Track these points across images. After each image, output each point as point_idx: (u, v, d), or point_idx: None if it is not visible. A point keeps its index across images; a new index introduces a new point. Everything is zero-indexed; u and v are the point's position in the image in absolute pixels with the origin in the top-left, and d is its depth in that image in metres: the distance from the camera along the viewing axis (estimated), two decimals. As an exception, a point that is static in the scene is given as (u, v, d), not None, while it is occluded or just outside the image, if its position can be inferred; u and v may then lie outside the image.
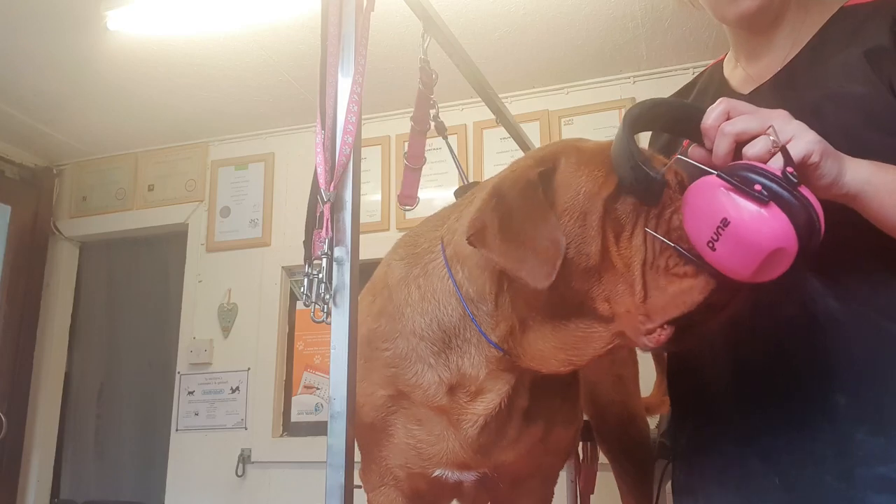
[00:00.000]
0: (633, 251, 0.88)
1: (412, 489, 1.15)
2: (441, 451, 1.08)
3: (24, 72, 2.86)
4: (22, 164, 3.54)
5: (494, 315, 1.01)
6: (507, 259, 0.92)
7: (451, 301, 1.06)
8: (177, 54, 2.75)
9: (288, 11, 2.50)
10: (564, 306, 0.94)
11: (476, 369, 1.04)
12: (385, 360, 1.10)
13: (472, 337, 1.04)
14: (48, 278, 3.57)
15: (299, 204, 2.82)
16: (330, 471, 1.05)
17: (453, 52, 1.62)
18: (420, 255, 1.14)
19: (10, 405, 3.30)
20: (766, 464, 1.00)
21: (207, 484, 3.09)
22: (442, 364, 1.06)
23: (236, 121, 3.31)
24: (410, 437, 1.09)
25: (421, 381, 1.07)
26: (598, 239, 0.89)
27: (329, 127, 1.09)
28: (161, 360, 3.42)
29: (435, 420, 1.07)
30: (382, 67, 2.77)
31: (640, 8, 2.52)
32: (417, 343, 1.07)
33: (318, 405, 3.06)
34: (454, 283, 1.05)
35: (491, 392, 1.05)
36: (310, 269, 1.07)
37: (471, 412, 1.05)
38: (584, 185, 0.92)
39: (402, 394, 1.09)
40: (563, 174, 0.95)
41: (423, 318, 1.07)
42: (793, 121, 0.84)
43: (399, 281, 1.13)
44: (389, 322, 1.11)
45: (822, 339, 0.98)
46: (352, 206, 1.09)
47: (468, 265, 1.05)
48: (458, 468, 1.09)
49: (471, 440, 1.06)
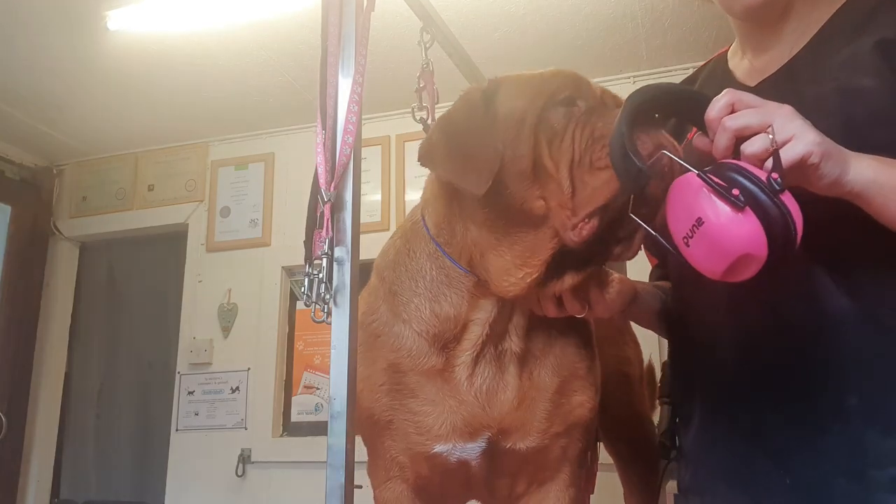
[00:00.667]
0: (562, 153, 0.95)
1: (418, 477, 1.13)
2: (440, 418, 1.07)
3: (24, 72, 2.86)
4: (22, 164, 3.54)
5: (454, 243, 1.07)
6: (450, 171, 1.03)
7: (420, 246, 1.11)
8: (177, 54, 2.75)
9: (288, 11, 2.50)
10: (509, 216, 1.00)
11: (456, 307, 1.07)
12: (373, 331, 1.12)
13: (442, 276, 1.08)
14: (48, 278, 3.57)
15: (299, 204, 2.82)
16: (330, 471, 1.05)
17: (453, 52, 1.62)
18: (401, 224, 1.22)
19: (10, 405, 3.30)
20: (775, 463, 0.99)
21: (207, 484, 3.09)
22: (414, 316, 1.09)
23: (236, 121, 3.31)
24: (408, 413, 1.09)
25: (403, 342, 1.09)
26: (530, 143, 0.97)
27: (329, 127, 1.09)
28: (161, 360, 3.42)
29: (428, 385, 1.08)
30: (382, 67, 2.77)
31: (640, 8, 2.52)
32: (394, 300, 1.11)
33: (318, 405, 3.06)
34: (425, 226, 1.11)
35: (473, 323, 1.07)
36: (310, 269, 1.08)
37: (459, 353, 1.07)
38: (521, 100, 1.01)
39: (391, 364, 1.10)
40: (504, 94, 1.04)
41: (395, 273, 1.12)
42: (796, 119, 0.83)
43: (382, 252, 1.20)
44: (372, 293, 1.15)
45: (833, 339, 0.97)
46: (352, 206, 1.09)
47: (430, 203, 1.12)
48: (460, 436, 1.07)
49: (465, 388, 1.07)
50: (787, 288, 0.99)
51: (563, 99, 0.99)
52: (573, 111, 0.99)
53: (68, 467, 3.50)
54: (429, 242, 1.10)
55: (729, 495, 1.05)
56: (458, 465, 1.10)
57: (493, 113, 1.02)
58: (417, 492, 1.14)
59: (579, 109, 0.99)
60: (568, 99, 1.00)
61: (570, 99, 1.00)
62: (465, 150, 1.01)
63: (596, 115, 0.97)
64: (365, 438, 1.17)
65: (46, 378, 3.45)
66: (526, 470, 1.15)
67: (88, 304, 3.64)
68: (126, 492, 3.40)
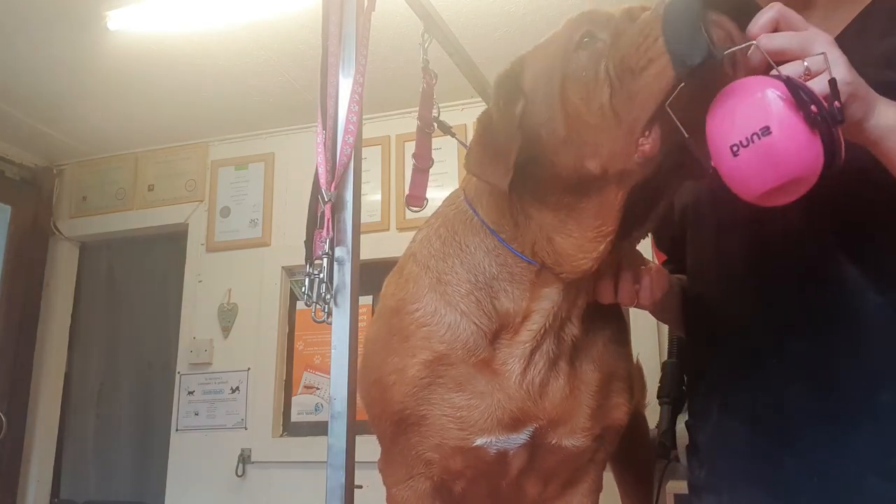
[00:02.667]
0: (599, 93, 0.87)
1: (446, 473, 1.06)
2: (486, 412, 1.01)
3: (24, 72, 2.86)
4: (22, 164, 3.54)
5: (516, 235, 1.01)
6: (478, 169, 0.97)
7: (475, 241, 1.04)
8: (177, 54, 2.75)
9: (288, 11, 2.50)
10: (567, 191, 0.94)
11: (517, 302, 1.01)
12: (415, 320, 1.03)
13: (502, 272, 1.02)
14: (48, 278, 3.56)
15: (299, 204, 2.82)
16: (330, 471, 1.05)
17: (454, 52, 1.62)
18: (441, 212, 1.13)
19: (10, 405, 3.30)
20: (800, 462, 0.97)
21: (207, 484, 3.09)
22: (474, 309, 1.01)
23: (236, 121, 3.31)
24: (450, 408, 1.01)
25: (458, 334, 1.01)
26: (560, 106, 0.90)
27: (330, 127, 1.09)
28: (161, 360, 3.42)
29: (477, 377, 1.01)
30: (382, 67, 2.77)
31: (640, 8, 2.52)
32: (444, 290, 1.03)
33: (318, 405, 3.06)
34: (480, 219, 1.04)
35: (535, 313, 1.01)
36: (311, 269, 1.08)
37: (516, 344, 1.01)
38: (539, 65, 0.95)
39: (438, 356, 1.01)
40: (528, 68, 0.98)
41: (446, 263, 1.04)
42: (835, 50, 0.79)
43: (422, 240, 1.11)
44: (415, 283, 1.06)
45: (865, 335, 0.94)
46: (352, 206, 1.09)
47: (484, 197, 1.05)
48: (505, 429, 1.01)
49: (518, 381, 1.01)
50: (815, 281, 0.97)
51: (581, 42, 0.90)
52: (597, 49, 0.89)
53: (68, 467, 3.49)
54: (485, 236, 1.04)
55: (750, 493, 1.02)
56: (495, 457, 1.04)
57: (519, 95, 0.96)
58: (440, 491, 1.09)
59: (604, 44, 0.89)
60: (586, 40, 0.90)
61: (588, 39, 0.90)
62: (485, 148, 0.97)
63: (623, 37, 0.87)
64: (384, 434, 1.11)
65: (46, 378, 3.45)
66: (560, 473, 1.11)
67: (88, 304, 3.64)
68: (126, 492, 3.40)
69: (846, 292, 0.96)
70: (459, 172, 3.04)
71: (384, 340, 1.07)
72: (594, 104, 0.87)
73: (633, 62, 0.83)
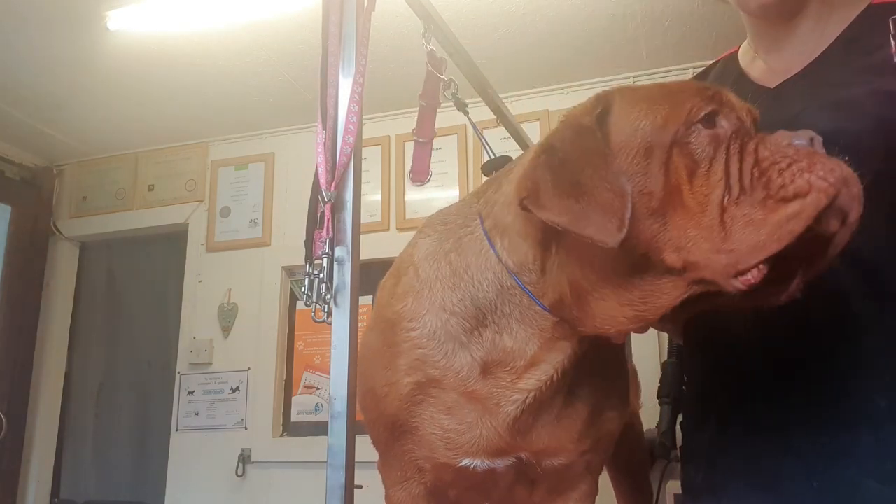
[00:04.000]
0: (711, 187, 0.79)
1: (438, 481, 1.08)
2: (473, 440, 0.99)
3: (24, 72, 2.86)
4: (22, 164, 3.54)
5: (540, 283, 0.94)
6: (568, 218, 0.82)
7: (488, 276, 0.97)
8: (177, 54, 2.75)
9: (288, 11, 2.50)
10: (626, 261, 0.83)
11: (522, 343, 0.96)
12: (412, 340, 1.01)
13: (514, 311, 0.96)
14: (48, 278, 3.56)
15: (299, 204, 2.82)
16: (330, 471, 1.05)
17: (454, 52, 1.62)
18: (452, 230, 1.05)
19: (10, 405, 3.30)
20: (800, 464, 0.97)
21: (207, 484, 3.09)
22: (475, 342, 0.97)
23: (236, 121, 3.31)
24: (438, 428, 1.01)
25: (452, 363, 0.98)
26: (662, 177, 0.80)
27: (330, 127, 1.09)
28: (161, 360, 3.42)
29: (467, 408, 0.99)
30: (382, 67, 2.77)
31: (640, 8, 2.52)
32: (448, 318, 0.99)
33: (318, 405, 3.06)
34: (496, 254, 0.97)
35: (545, 363, 0.96)
36: (311, 269, 1.08)
37: (516, 389, 0.97)
38: (645, 121, 0.84)
39: (431, 380, 1.00)
40: (619, 113, 0.86)
41: (455, 294, 0.99)
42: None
43: (427, 256, 1.05)
44: (416, 300, 1.02)
45: (863, 342, 0.95)
46: (352, 205, 1.09)
47: (509, 235, 0.97)
48: (490, 456, 1.01)
49: (509, 422, 0.98)
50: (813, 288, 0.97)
51: (704, 119, 0.82)
52: (718, 134, 0.82)
53: (68, 467, 3.50)
54: (501, 274, 0.97)
55: (749, 496, 1.03)
56: (484, 474, 1.04)
57: (606, 140, 0.84)
58: (434, 493, 1.09)
59: (725, 132, 0.82)
60: (709, 119, 0.82)
61: (711, 118, 0.83)
62: (582, 189, 0.81)
63: (747, 138, 0.81)
64: (379, 439, 1.11)
65: (46, 378, 3.45)
66: (549, 481, 1.10)
67: (88, 304, 3.64)
68: (126, 492, 3.40)
69: (844, 299, 0.96)
70: (459, 173, 3.04)
71: (379, 351, 1.05)
72: (701, 193, 0.79)
73: (773, 183, 0.76)
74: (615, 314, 0.87)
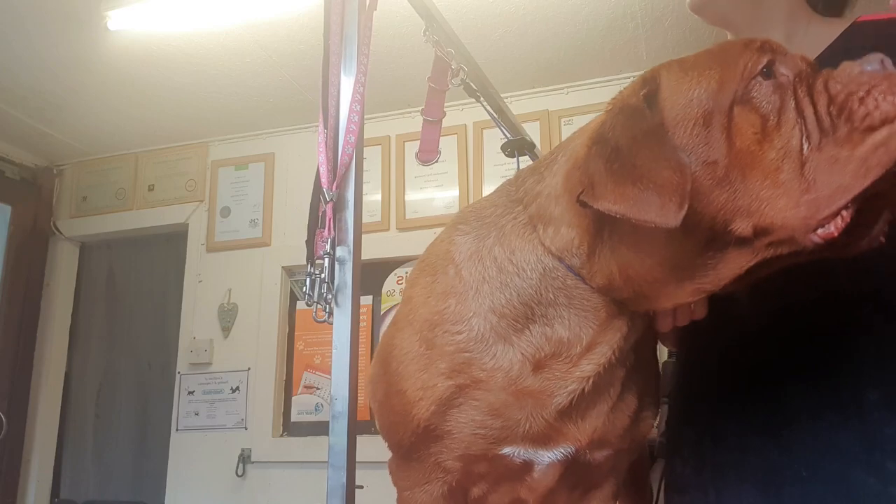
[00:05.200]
0: (786, 137, 0.74)
1: (465, 477, 1.02)
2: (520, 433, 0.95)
3: (24, 72, 2.86)
4: (22, 164, 3.54)
5: (587, 266, 0.89)
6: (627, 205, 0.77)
7: (531, 260, 0.93)
8: (177, 54, 2.75)
9: (288, 10, 2.50)
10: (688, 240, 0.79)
11: (576, 330, 0.92)
12: (458, 343, 0.96)
13: (559, 297, 0.92)
14: (48, 278, 3.57)
15: (300, 204, 2.82)
16: (331, 471, 1.05)
17: (455, 52, 1.61)
18: (492, 224, 0.99)
19: (10, 405, 3.30)
20: (789, 456, 0.98)
21: (207, 484, 3.09)
22: (525, 340, 0.93)
23: (236, 121, 3.31)
24: (480, 428, 0.96)
25: (502, 363, 0.93)
26: (726, 143, 0.76)
27: (332, 126, 1.09)
28: (161, 360, 3.42)
29: (514, 405, 0.95)
30: (383, 67, 2.77)
31: (640, 8, 2.52)
32: (498, 322, 0.94)
33: (318, 405, 3.06)
34: (539, 240, 0.93)
35: (602, 345, 0.92)
36: (312, 269, 1.08)
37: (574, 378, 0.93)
38: (699, 89, 0.79)
39: (476, 381, 0.95)
40: (669, 88, 0.82)
41: (503, 294, 0.94)
42: None
43: (471, 255, 0.99)
44: (460, 302, 0.97)
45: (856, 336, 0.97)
46: (354, 205, 1.09)
47: (554, 224, 0.93)
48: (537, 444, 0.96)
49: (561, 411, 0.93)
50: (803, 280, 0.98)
51: (763, 71, 0.78)
52: (781, 82, 0.78)
53: (68, 467, 3.50)
54: (544, 256, 0.92)
55: (739, 488, 1.03)
56: (521, 466, 0.99)
57: (659, 118, 0.80)
58: (454, 494, 1.04)
59: (787, 78, 0.78)
60: (767, 70, 0.78)
61: (769, 69, 0.78)
62: (639, 172, 0.77)
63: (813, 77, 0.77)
64: (401, 443, 1.04)
65: (46, 378, 3.45)
66: (583, 481, 1.07)
67: (88, 304, 3.64)
68: (126, 492, 3.40)
69: (837, 297, 0.98)
70: (460, 174, 3.04)
71: (415, 352, 0.99)
72: (776, 148, 0.74)
73: (856, 115, 0.71)
74: (671, 290, 0.84)
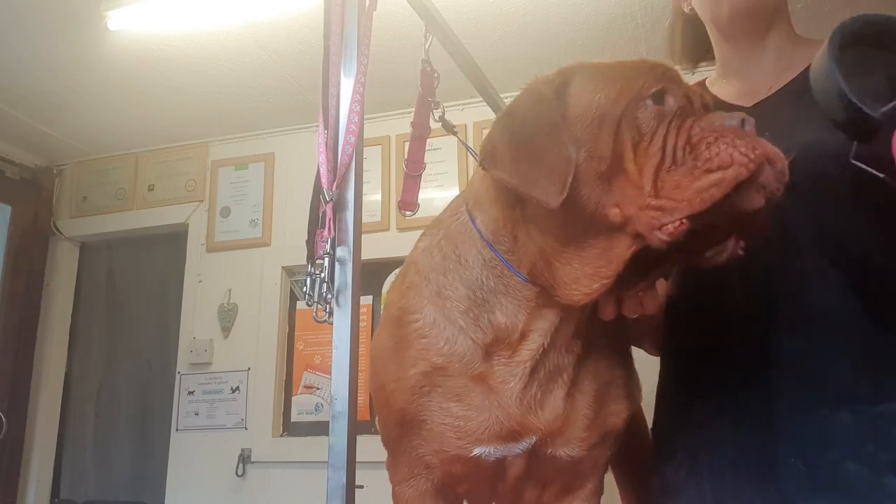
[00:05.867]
0: (649, 157, 0.88)
1: (447, 476, 1.09)
2: (483, 425, 1.02)
3: (24, 72, 2.86)
4: (22, 164, 3.54)
5: (515, 251, 1.00)
6: (518, 178, 0.92)
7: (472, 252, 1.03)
8: (177, 54, 2.75)
9: (288, 11, 2.50)
10: (578, 222, 0.92)
11: (512, 317, 1.01)
12: (415, 331, 1.05)
13: (498, 285, 1.01)
14: (48, 278, 3.56)
15: (300, 204, 2.82)
16: (331, 471, 1.05)
17: (455, 52, 1.62)
18: (442, 220, 1.12)
19: (10, 405, 3.30)
20: (787, 449, 1.00)
21: (207, 484, 3.09)
22: (472, 324, 1.02)
23: (236, 121, 3.31)
24: (448, 417, 1.03)
25: (455, 348, 1.02)
26: (611, 145, 0.89)
27: (332, 126, 1.09)
28: (161, 360, 3.42)
29: (474, 391, 1.02)
30: (383, 67, 2.77)
31: (640, 8, 2.52)
32: (443, 304, 1.03)
33: (318, 405, 3.06)
34: (477, 230, 1.03)
35: (534, 332, 1.01)
36: (312, 269, 1.08)
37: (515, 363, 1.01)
38: (601, 94, 0.92)
39: (436, 368, 1.03)
40: (578, 86, 0.95)
41: (446, 278, 1.04)
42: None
43: (423, 250, 1.11)
44: (416, 292, 1.07)
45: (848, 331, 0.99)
46: (354, 205, 1.09)
47: (483, 205, 1.04)
48: (502, 441, 1.03)
49: (517, 401, 1.01)
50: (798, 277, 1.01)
51: (653, 95, 0.91)
52: (664, 110, 0.90)
53: (68, 467, 3.49)
54: (482, 248, 1.03)
55: (735, 485, 1.04)
56: (494, 463, 1.06)
57: (564, 110, 0.93)
58: (442, 490, 1.11)
59: (670, 108, 0.91)
60: (658, 96, 0.91)
61: (659, 96, 0.91)
62: (534, 153, 0.90)
63: (689, 116, 0.90)
64: (388, 437, 1.14)
65: (46, 378, 3.45)
66: (559, 479, 1.12)
67: (88, 304, 3.64)
68: (126, 492, 3.40)
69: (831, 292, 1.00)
70: (460, 173, 3.04)
71: (387, 347, 1.09)
72: (640, 161, 0.88)
73: (701, 156, 0.84)
74: (578, 275, 0.94)
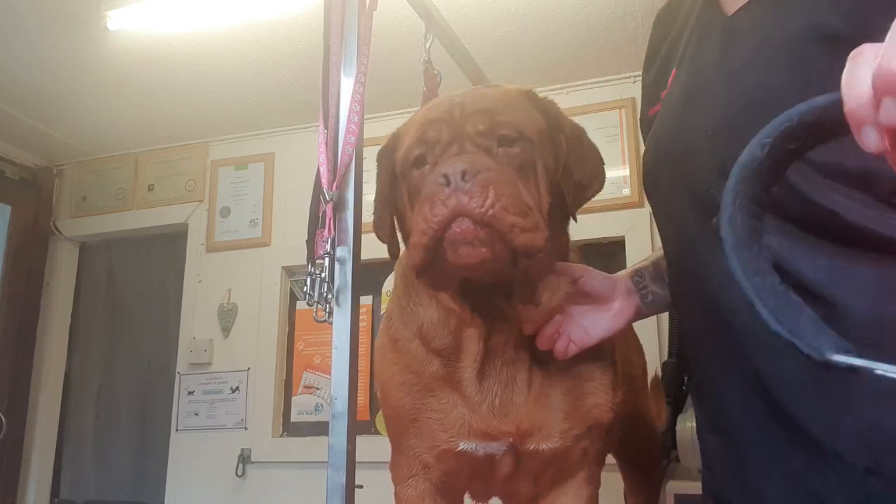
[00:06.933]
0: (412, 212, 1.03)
1: (444, 474, 1.16)
2: (459, 418, 1.11)
3: (24, 72, 2.85)
4: (22, 164, 3.54)
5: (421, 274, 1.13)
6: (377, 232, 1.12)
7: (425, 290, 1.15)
8: (177, 54, 2.75)
9: (288, 11, 2.50)
10: None
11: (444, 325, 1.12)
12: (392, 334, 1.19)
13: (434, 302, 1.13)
14: (48, 278, 3.56)
15: (299, 204, 2.82)
16: (331, 471, 1.06)
17: (455, 52, 1.62)
18: None
19: (10, 405, 3.30)
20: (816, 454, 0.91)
21: (207, 484, 3.09)
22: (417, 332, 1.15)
23: (236, 121, 3.31)
24: (430, 411, 1.13)
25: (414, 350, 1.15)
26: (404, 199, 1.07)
27: (332, 126, 1.09)
28: (161, 360, 3.42)
29: (441, 388, 1.13)
30: (383, 67, 2.77)
31: (640, 8, 2.52)
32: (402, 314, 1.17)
33: (318, 405, 3.06)
34: None
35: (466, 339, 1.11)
36: (312, 269, 1.08)
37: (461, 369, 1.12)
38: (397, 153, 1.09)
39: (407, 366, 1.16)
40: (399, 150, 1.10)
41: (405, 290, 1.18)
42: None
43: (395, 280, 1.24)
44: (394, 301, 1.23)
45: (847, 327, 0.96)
46: (354, 205, 1.09)
47: None
48: (481, 438, 1.11)
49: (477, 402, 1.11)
50: None
51: (415, 161, 1.04)
52: (422, 174, 1.03)
53: (68, 467, 3.49)
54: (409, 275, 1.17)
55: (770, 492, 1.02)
56: (484, 460, 1.13)
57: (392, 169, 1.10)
58: (441, 489, 1.18)
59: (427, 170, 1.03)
60: (418, 160, 1.04)
61: (420, 160, 1.04)
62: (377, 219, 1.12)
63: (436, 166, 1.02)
64: (391, 435, 1.20)
65: (46, 378, 3.45)
66: (548, 471, 1.17)
67: (88, 304, 3.63)
68: (126, 492, 3.40)
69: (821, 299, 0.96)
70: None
71: (384, 351, 1.20)
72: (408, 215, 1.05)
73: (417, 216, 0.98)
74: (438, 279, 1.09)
